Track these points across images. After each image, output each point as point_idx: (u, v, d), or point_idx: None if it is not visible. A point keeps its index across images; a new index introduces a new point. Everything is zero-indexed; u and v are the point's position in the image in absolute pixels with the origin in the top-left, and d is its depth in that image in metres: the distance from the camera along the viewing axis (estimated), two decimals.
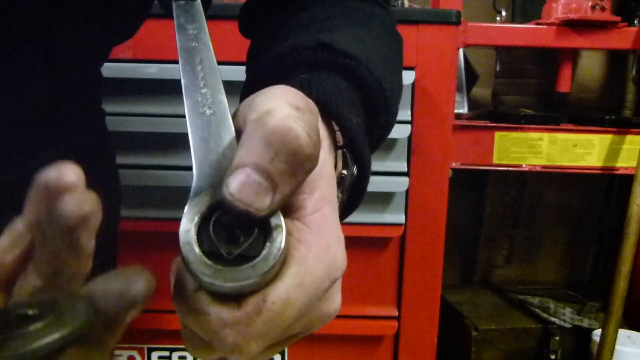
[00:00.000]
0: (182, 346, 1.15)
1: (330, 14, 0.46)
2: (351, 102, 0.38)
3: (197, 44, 0.35)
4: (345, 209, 0.39)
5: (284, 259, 0.26)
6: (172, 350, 1.20)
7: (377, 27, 0.47)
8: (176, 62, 0.38)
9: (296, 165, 0.25)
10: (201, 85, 0.32)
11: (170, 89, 1.03)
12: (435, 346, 1.27)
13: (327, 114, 0.35)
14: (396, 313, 1.23)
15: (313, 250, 0.26)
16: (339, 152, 0.36)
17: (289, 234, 0.26)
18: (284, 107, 0.27)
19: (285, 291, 0.25)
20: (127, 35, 0.55)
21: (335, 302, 0.30)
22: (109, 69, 1.07)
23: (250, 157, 0.25)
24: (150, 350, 1.19)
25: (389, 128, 0.44)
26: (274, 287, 0.25)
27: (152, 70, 1.03)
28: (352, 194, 0.38)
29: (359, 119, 0.37)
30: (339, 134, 0.36)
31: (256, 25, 0.54)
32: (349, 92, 0.38)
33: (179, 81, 0.33)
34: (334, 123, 0.36)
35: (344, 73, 0.38)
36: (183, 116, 0.30)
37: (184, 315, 0.26)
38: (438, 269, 1.23)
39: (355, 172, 0.37)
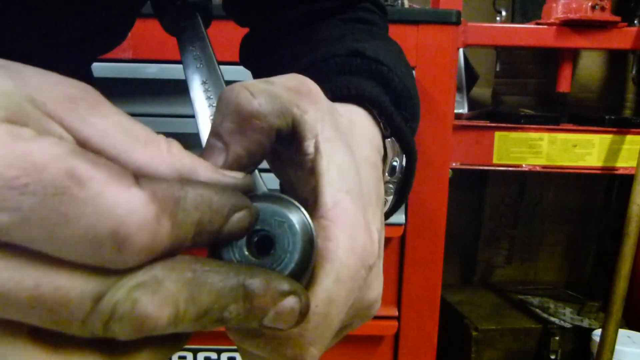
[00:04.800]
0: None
1: (347, 32, 0.48)
2: (388, 102, 0.39)
3: (201, 65, 0.35)
4: (397, 199, 0.40)
5: (313, 261, 0.26)
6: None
7: (390, 41, 0.49)
8: (176, 62, 0.38)
9: (242, 123, 0.26)
10: (207, 105, 0.33)
11: (170, 89, 1.03)
12: (435, 346, 1.27)
13: (373, 106, 0.36)
14: (396, 313, 1.23)
15: (341, 244, 0.26)
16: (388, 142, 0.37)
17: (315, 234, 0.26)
18: (250, 80, 0.28)
19: (324, 291, 0.25)
20: (114, 45, 0.56)
21: (376, 288, 0.30)
22: (109, 69, 1.08)
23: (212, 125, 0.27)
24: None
25: (413, 133, 0.45)
26: (312, 291, 0.25)
27: (152, 70, 1.03)
28: (403, 183, 0.39)
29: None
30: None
31: (259, 55, 0.55)
32: (384, 95, 0.39)
33: (179, 81, 0.34)
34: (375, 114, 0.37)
35: (377, 79, 0.40)
36: (183, 116, 0.30)
37: (239, 340, 0.26)
38: (438, 269, 1.24)
39: (404, 163, 0.39)
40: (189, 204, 0.21)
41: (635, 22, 1.54)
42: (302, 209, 0.26)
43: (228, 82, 0.37)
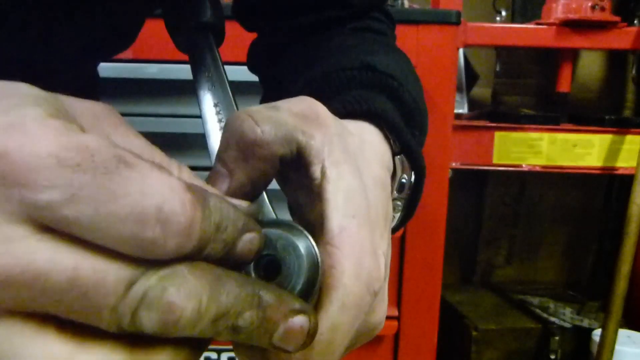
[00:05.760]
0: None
1: (359, 42, 0.48)
2: (399, 117, 0.39)
3: (213, 87, 0.35)
4: (405, 215, 0.40)
5: (318, 286, 0.26)
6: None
7: (400, 54, 0.49)
8: (176, 62, 0.38)
9: (245, 151, 0.27)
10: (218, 128, 0.33)
11: (170, 89, 1.03)
12: (435, 346, 1.27)
13: (383, 123, 0.37)
14: (396, 313, 1.23)
15: (347, 271, 0.26)
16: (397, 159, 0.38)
17: (321, 260, 0.27)
18: (256, 106, 0.28)
19: (329, 318, 0.26)
20: (122, 49, 0.56)
21: (380, 311, 0.30)
22: (109, 69, 1.08)
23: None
24: None
25: (421, 146, 0.46)
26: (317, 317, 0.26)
27: (152, 71, 1.03)
28: (411, 200, 0.40)
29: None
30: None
31: (268, 62, 0.55)
32: (394, 110, 0.40)
33: (179, 81, 0.34)
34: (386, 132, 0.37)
35: (387, 93, 0.40)
36: (183, 116, 0.30)
37: None
38: (438, 269, 1.24)
39: (412, 179, 0.39)
40: (212, 206, 0.21)
41: (635, 22, 1.54)
42: (307, 234, 0.26)
43: (235, 84, 0.37)
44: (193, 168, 0.28)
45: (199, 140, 0.34)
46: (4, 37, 0.42)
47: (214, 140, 0.33)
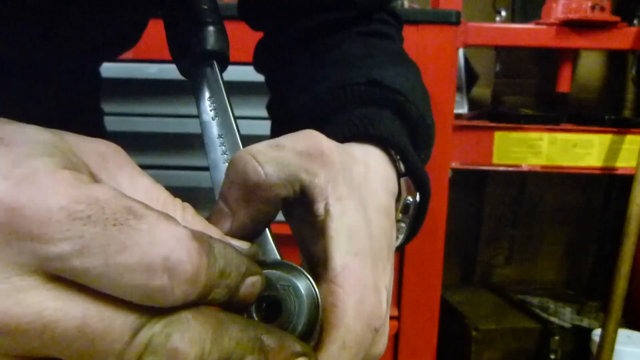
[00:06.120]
0: None
1: (366, 53, 0.48)
2: (405, 135, 0.40)
3: (216, 116, 0.35)
4: (408, 235, 0.40)
5: (319, 325, 0.26)
6: None
7: (409, 64, 0.49)
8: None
9: (248, 192, 0.27)
10: (223, 161, 0.33)
11: (170, 89, 1.03)
12: (435, 346, 1.27)
13: (389, 146, 0.37)
14: (396, 313, 1.23)
15: (349, 310, 0.27)
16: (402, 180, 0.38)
17: (323, 298, 0.27)
18: (260, 144, 0.28)
19: (330, 357, 0.26)
20: (125, 50, 0.56)
21: (381, 344, 0.31)
22: (109, 69, 1.07)
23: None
24: None
25: (426, 161, 0.46)
26: (318, 356, 0.26)
27: (152, 71, 1.03)
28: (415, 220, 0.40)
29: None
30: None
31: (275, 63, 0.55)
32: (400, 127, 0.40)
33: (179, 81, 0.33)
34: (393, 152, 0.37)
35: (394, 108, 0.40)
36: (183, 116, 0.30)
37: None
38: (438, 269, 1.24)
39: (418, 200, 0.39)
40: (217, 252, 0.22)
41: (635, 22, 1.54)
42: (307, 274, 0.27)
43: (236, 84, 0.37)
44: (193, 168, 0.28)
45: (199, 140, 0.34)
46: (6, 37, 0.42)
47: (219, 172, 0.33)
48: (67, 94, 0.54)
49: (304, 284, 0.26)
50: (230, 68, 0.40)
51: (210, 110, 0.35)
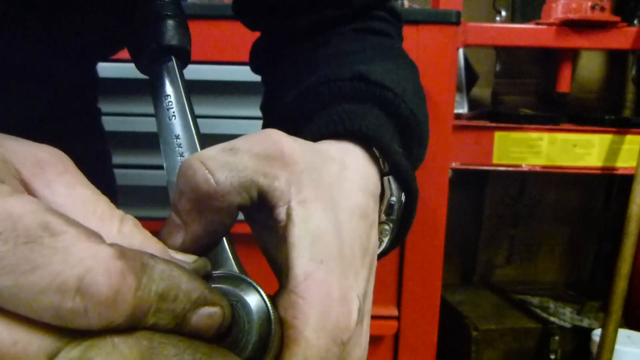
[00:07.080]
0: None
1: (357, 48, 0.46)
2: (391, 133, 0.37)
3: (174, 116, 0.33)
4: (395, 238, 0.38)
5: (274, 341, 0.25)
6: None
7: (402, 60, 0.47)
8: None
9: (199, 203, 0.25)
10: (179, 161, 0.31)
11: None
12: (435, 346, 1.27)
13: (370, 142, 0.35)
14: (396, 313, 1.23)
15: (310, 322, 0.25)
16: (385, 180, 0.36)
17: (284, 309, 0.25)
18: (212, 148, 0.26)
19: None
20: (120, 49, 0.56)
21: (354, 357, 0.28)
22: (109, 69, 1.07)
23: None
24: None
25: (420, 160, 0.44)
26: None
27: None
28: (402, 222, 0.38)
29: (400, 149, 0.37)
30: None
31: (270, 63, 0.54)
32: (387, 124, 0.38)
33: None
34: (376, 151, 0.35)
35: (381, 105, 0.38)
36: None
37: None
38: (438, 269, 1.24)
39: (403, 200, 0.37)
40: (155, 273, 0.20)
41: (635, 22, 1.54)
42: (258, 287, 0.25)
43: (235, 84, 0.36)
44: None
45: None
46: (4, 37, 0.42)
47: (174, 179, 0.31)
48: (62, 93, 0.53)
49: (254, 298, 0.24)
50: (230, 68, 0.39)
51: (168, 110, 0.33)
